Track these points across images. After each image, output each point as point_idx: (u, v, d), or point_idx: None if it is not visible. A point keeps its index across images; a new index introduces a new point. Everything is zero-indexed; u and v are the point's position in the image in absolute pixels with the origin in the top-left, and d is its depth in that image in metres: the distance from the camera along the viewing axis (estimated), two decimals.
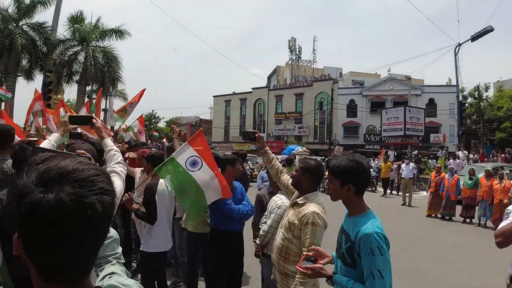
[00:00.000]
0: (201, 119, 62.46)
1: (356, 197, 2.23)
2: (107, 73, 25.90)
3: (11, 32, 23.56)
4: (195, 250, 4.72)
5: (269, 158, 3.65)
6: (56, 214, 0.73)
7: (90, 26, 26.96)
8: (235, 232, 4.36)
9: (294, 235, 2.91)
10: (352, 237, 2.13)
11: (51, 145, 2.57)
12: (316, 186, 3.05)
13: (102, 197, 0.79)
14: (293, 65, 54.37)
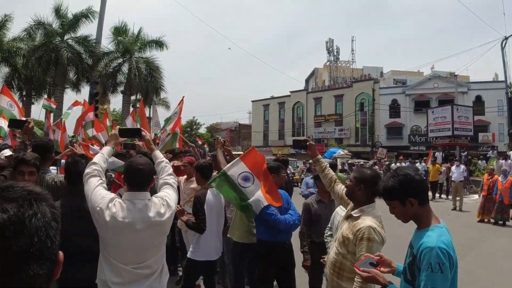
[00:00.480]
0: (240, 124, 62.98)
1: (422, 209, 2.09)
2: (150, 82, 26.73)
3: (56, 46, 24.87)
4: (240, 259, 4.66)
5: (322, 167, 3.49)
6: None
7: (133, 37, 27.91)
8: (282, 243, 4.22)
9: (348, 250, 2.75)
10: (415, 251, 2.01)
11: (104, 158, 2.66)
12: (373, 198, 2.85)
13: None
14: (332, 66, 53.62)
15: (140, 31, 28.29)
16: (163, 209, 2.45)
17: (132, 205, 2.37)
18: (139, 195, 2.44)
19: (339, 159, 22.08)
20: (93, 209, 2.36)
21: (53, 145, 3.95)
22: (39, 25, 25.34)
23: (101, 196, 2.39)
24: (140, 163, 2.49)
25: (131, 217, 2.33)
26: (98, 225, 2.39)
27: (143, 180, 2.49)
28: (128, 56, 27.03)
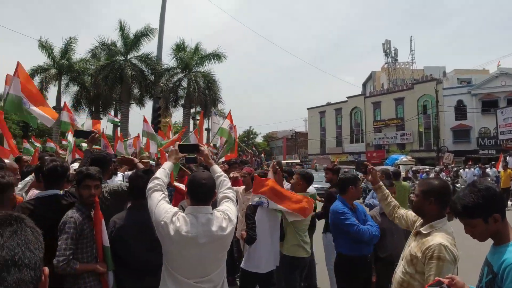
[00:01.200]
0: (297, 132, 62.75)
1: (502, 223, 1.93)
2: (208, 95, 27.67)
3: (120, 65, 26.73)
4: (289, 273, 4.53)
5: (384, 195, 3.33)
6: None
7: (191, 52, 29.08)
8: (365, 257, 4.01)
9: (416, 269, 2.54)
10: (495, 268, 1.84)
11: (165, 173, 2.73)
12: (443, 212, 2.63)
13: None
14: (390, 68, 51.76)
15: (197, 46, 29.52)
16: (225, 223, 2.45)
17: (195, 219, 2.39)
18: (202, 209, 2.46)
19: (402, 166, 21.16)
20: (157, 223, 2.39)
21: (111, 158, 4.10)
22: (104, 46, 27.40)
23: (164, 210, 2.42)
24: (203, 178, 2.51)
25: (195, 231, 2.34)
26: (162, 238, 2.41)
27: (206, 194, 2.51)
28: (187, 71, 28.24)
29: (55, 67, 27.92)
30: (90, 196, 2.93)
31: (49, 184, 3.17)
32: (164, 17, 27.77)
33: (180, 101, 29.17)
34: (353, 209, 4.13)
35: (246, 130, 64.99)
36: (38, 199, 3.11)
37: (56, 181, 3.18)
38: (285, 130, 65.73)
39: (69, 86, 28.82)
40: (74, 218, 2.80)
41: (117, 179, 5.89)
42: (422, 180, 2.95)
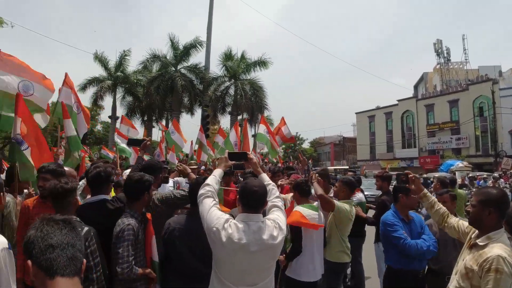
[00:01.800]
0: (345, 137, 61.59)
1: None
2: (254, 102, 28.06)
3: (171, 75, 27.95)
4: (335, 279, 4.50)
5: (430, 203, 3.23)
6: None
7: (237, 61, 29.74)
8: (415, 271, 3.85)
9: (472, 283, 2.44)
10: None
11: (216, 180, 2.78)
12: (501, 222, 2.52)
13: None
14: (443, 69, 49.51)
15: (243, 54, 30.14)
16: (276, 232, 2.45)
17: (247, 226, 2.39)
18: (253, 216, 2.46)
19: (458, 172, 20.18)
20: (209, 229, 2.41)
21: (162, 166, 4.18)
22: (155, 58, 28.85)
23: (216, 216, 2.44)
24: (255, 185, 2.53)
25: (246, 238, 2.35)
26: (213, 245, 2.43)
27: (258, 202, 2.52)
28: (234, 79, 28.93)
29: (110, 79, 29.63)
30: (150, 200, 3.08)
31: (95, 190, 3.33)
32: (211, 28, 28.64)
33: (227, 108, 29.82)
34: (406, 220, 3.98)
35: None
36: (87, 204, 3.27)
37: (100, 186, 3.32)
38: (332, 136, 64.73)
39: (124, 96, 30.46)
40: (132, 225, 2.90)
41: (168, 185, 6.13)
42: (479, 190, 2.77)
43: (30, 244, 1.33)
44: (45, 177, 3.32)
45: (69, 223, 1.44)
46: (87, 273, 2.73)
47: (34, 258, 1.31)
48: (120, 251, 2.80)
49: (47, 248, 1.31)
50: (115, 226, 2.92)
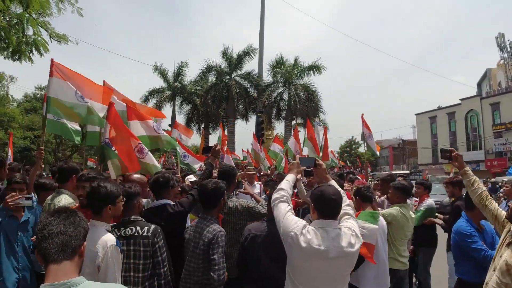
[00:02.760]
0: (404, 140, 59.23)
1: None
2: (309, 106, 27.94)
3: (226, 84, 28.94)
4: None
5: (470, 181, 3.20)
6: None
7: (290, 66, 29.90)
8: (483, 283, 3.67)
9: None
10: None
11: (290, 185, 2.83)
12: None
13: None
14: (507, 64, 45.91)
15: (296, 60, 30.30)
16: (353, 240, 2.43)
17: (326, 233, 2.39)
18: (331, 223, 2.46)
19: None
20: (286, 234, 2.42)
21: (236, 172, 4.26)
22: (210, 68, 29.83)
23: (294, 221, 2.45)
24: (332, 193, 2.50)
25: (325, 245, 2.33)
26: (290, 250, 2.43)
27: (335, 209, 2.51)
28: (288, 84, 29.07)
29: (170, 89, 31.00)
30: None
31: (157, 195, 3.51)
32: (263, 35, 29.12)
33: (282, 113, 29.96)
34: (479, 230, 3.74)
35: (348, 140, 63.52)
36: (149, 209, 3.47)
37: (159, 191, 3.49)
38: (391, 139, 62.55)
39: (182, 105, 31.77)
40: (223, 231, 3.00)
41: (255, 189, 6.35)
42: None
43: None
44: (84, 186, 3.23)
45: (65, 211, 1.62)
46: (155, 268, 2.91)
47: (37, 249, 1.52)
48: (215, 258, 2.87)
49: (42, 238, 1.51)
50: (205, 233, 2.99)
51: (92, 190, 2.65)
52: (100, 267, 2.36)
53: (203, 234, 2.98)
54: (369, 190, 4.22)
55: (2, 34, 6.46)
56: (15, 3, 5.98)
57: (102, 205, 2.62)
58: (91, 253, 2.35)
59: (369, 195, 4.10)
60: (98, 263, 2.36)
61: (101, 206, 2.62)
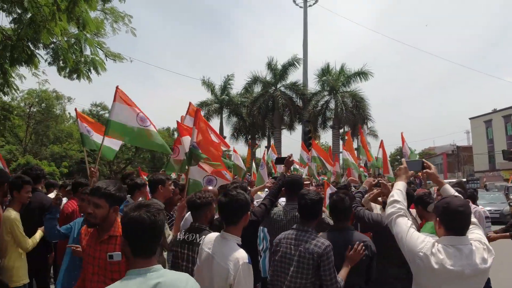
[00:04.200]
0: (458, 146, 56.52)
1: None
2: (357, 114, 27.65)
3: (272, 95, 29.39)
4: None
5: None
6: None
7: (336, 74, 29.83)
8: None
9: None
10: None
11: (403, 195, 2.63)
12: None
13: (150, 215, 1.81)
14: None
15: (342, 67, 30.19)
16: (486, 254, 2.22)
17: (458, 251, 2.19)
18: (462, 240, 2.24)
19: None
20: (414, 254, 2.25)
21: (302, 182, 4.23)
22: (255, 80, 30.54)
23: (420, 240, 2.27)
24: (459, 205, 2.26)
25: (459, 264, 2.15)
26: (419, 272, 2.27)
27: (465, 223, 2.28)
28: (334, 92, 28.93)
29: (217, 102, 31.89)
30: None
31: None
32: (306, 44, 29.33)
33: (328, 122, 29.84)
34: None
35: (399, 147, 61.48)
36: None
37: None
38: (444, 145, 59.92)
39: (229, 117, 32.61)
40: (331, 245, 2.86)
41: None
42: None
43: None
44: (87, 199, 2.89)
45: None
46: None
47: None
48: (327, 274, 2.77)
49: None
50: (312, 247, 2.82)
51: (230, 200, 2.59)
52: (232, 285, 2.33)
53: (310, 248, 2.80)
54: (431, 197, 4.10)
55: (60, 54, 6.97)
56: (71, 25, 6.38)
57: (240, 214, 2.58)
58: (221, 269, 2.37)
59: (432, 203, 3.85)
60: (230, 281, 2.33)
61: (238, 216, 2.58)
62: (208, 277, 2.46)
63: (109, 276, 2.50)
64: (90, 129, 5.51)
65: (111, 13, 7.99)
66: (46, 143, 36.82)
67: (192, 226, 3.05)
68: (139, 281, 1.66)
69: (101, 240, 2.59)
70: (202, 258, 2.57)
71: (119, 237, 2.51)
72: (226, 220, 2.60)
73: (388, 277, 3.28)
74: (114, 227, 2.63)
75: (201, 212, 3.02)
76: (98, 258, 2.56)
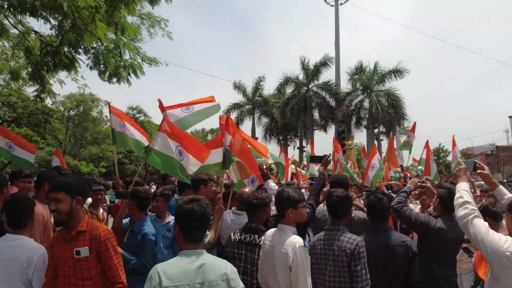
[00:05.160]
0: (498, 146, 54.09)
1: None
2: (392, 113, 26.89)
3: (304, 95, 29.20)
4: None
5: None
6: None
7: (370, 73, 29.22)
8: None
9: None
10: None
11: (471, 195, 2.59)
12: None
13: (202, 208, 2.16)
14: None
15: (376, 65, 29.45)
16: None
17: None
18: None
19: None
20: (500, 254, 2.20)
21: (347, 182, 4.26)
22: (287, 80, 30.36)
23: (503, 239, 2.24)
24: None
25: None
26: (505, 271, 2.22)
27: None
28: (368, 91, 28.32)
29: (249, 104, 32.00)
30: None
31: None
32: (338, 43, 28.95)
33: (362, 122, 29.26)
34: None
35: (435, 147, 59.57)
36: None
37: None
38: (483, 145, 57.38)
39: (260, 119, 32.60)
40: (363, 241, 2.88)
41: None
42: None
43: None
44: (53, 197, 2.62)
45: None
46: None
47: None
48: (358, 269, 2.76)
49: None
50: (345, 244, 2.85)
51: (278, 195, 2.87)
52: (292, 267, 2.55)
53: (343, 245, 2.84)
54: (494, 204, 3.81)
55: (101, 58, 7.11)
56: (109, 30, 6.46)
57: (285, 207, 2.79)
58: (282, 254, 2.61)
59: (498, 213, 3.70)
60: (289, 264, 2.56)
61: (284, 209, 2.79)
62: (271, 265, 2.69)
63: (79, 276, 2.47)
64: (125, 122, 5.56)
65: (148, 18, 8.07)
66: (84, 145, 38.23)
67: (249, 226, 3.12)
68: (189, 260, 2.06)
69: (69, 237, 2.52)
70: (264, 252, 2.81)
71: (88, 232, 2.53)
72: (279, 214, 2.86)
73: (436, 279, 3.16)
74: (82, 222, 2.56)
75: (258, 213, 3.11)
76: (67, 257, 2.50)
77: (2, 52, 9.69)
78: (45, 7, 5.70)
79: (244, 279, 2.97)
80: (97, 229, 2.57)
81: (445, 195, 3.36)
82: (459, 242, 3.31)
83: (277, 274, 2.63)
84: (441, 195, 3.42)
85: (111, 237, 2.61)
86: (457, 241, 3.27)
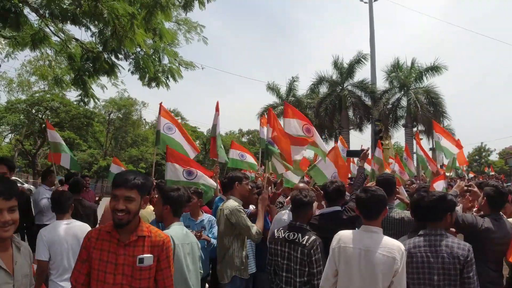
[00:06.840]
0: None
1: None
2: (432, 111, 26.01)
3: (338, 94, 28.74)
4: None
5: None
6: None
7: (407, 70, 28.40)
8: None
9: None
10: None
11: None
12: None
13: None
14: None
15: (413, 62, 28.61)
16: None
17: None
18: None
19: None
20: None
21: (395, 181, 4.10)
22: (321, 80, 30.04)
23: None
24: None
25: None
26: None
27: None
28: (405, 89, 27.53)
29: (283, 104, 31.70)
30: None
31: (331, 202, 3.68)
32: (373, 40, 28.29)
33: (400, 121, 28.46)
34: None
35: (477, 147, 57.02)
36: (321, 215, 3.65)
37: (334, 199, 3.65)
38: None
39: None
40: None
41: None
42: None
43: None
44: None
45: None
46: (310, 278, 3.01)
47: None
48: (471, 275, 2.62)
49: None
50: (456, 250, 2.66)
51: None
52: (397, 271, 2.49)
53: (454, 252, 2.65)
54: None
55: (141, 64, 7.37)
56: (147, 36, 6.69)
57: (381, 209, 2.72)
58: (388, 259, 2.50)
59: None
60: (396, 268, 2.49)
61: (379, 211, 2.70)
62: (366, 269, 2.55)
63: (136, 285, 2.21)
64: (173, 126, 5.71)
65: (184, 24, 8.32)
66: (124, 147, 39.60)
67: (293, 225, 3.19)
68: (180, 228, 3.05)
69: (126, 243, 2.23)
70: (347, 255, 2.62)
71: (147, 237, 2.27)
72: (367, 215, 2.68)
73: (483, 281, 3.02)
74: (141, 226, 2.30)
75: (304, 211, 3.19)
76: (123, 264, 2.20)
77: (45, 59, 10.24)
78: (86, 15, 6.01)
79: (287, 276, 3.09)
80: (159, 235, 2.34)
81: (493, 193, 3.28)
82: (507, 242, 3.19)
83: (378, 279, 2.50)
84: (488, 193, 3.32)
85: (171, 245, 2.43)
86: (505, 241, 3.17)
